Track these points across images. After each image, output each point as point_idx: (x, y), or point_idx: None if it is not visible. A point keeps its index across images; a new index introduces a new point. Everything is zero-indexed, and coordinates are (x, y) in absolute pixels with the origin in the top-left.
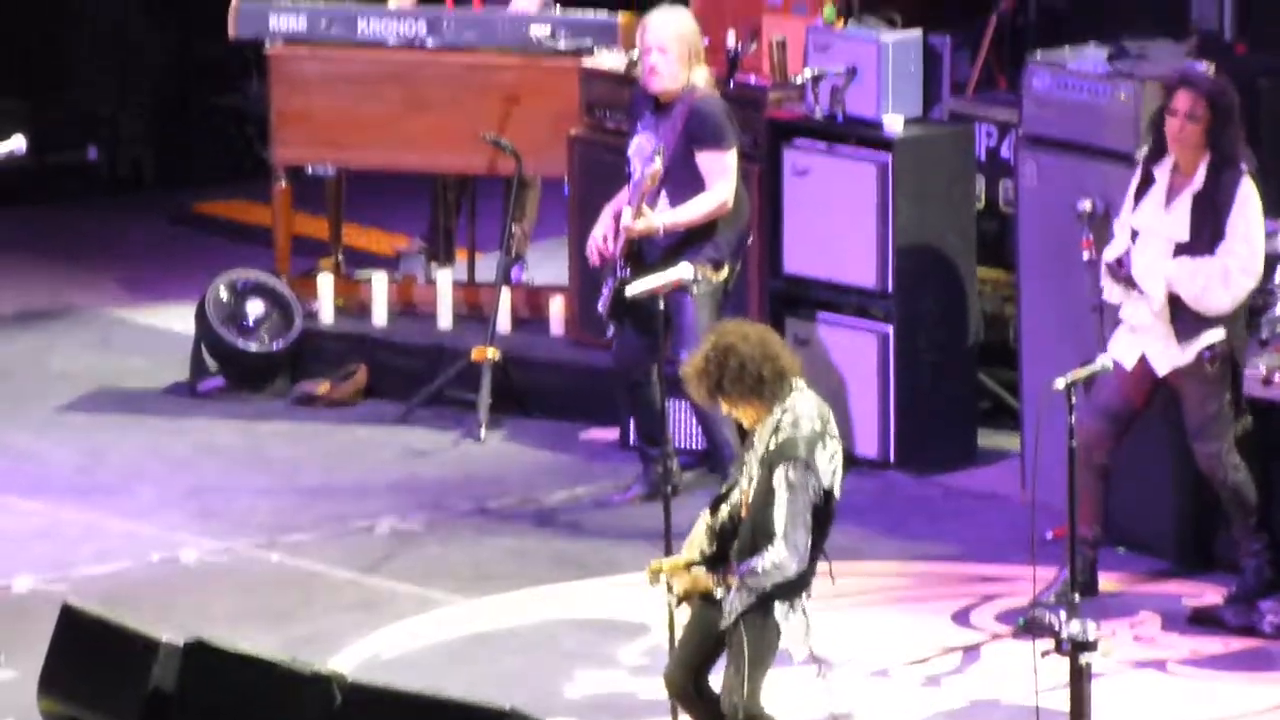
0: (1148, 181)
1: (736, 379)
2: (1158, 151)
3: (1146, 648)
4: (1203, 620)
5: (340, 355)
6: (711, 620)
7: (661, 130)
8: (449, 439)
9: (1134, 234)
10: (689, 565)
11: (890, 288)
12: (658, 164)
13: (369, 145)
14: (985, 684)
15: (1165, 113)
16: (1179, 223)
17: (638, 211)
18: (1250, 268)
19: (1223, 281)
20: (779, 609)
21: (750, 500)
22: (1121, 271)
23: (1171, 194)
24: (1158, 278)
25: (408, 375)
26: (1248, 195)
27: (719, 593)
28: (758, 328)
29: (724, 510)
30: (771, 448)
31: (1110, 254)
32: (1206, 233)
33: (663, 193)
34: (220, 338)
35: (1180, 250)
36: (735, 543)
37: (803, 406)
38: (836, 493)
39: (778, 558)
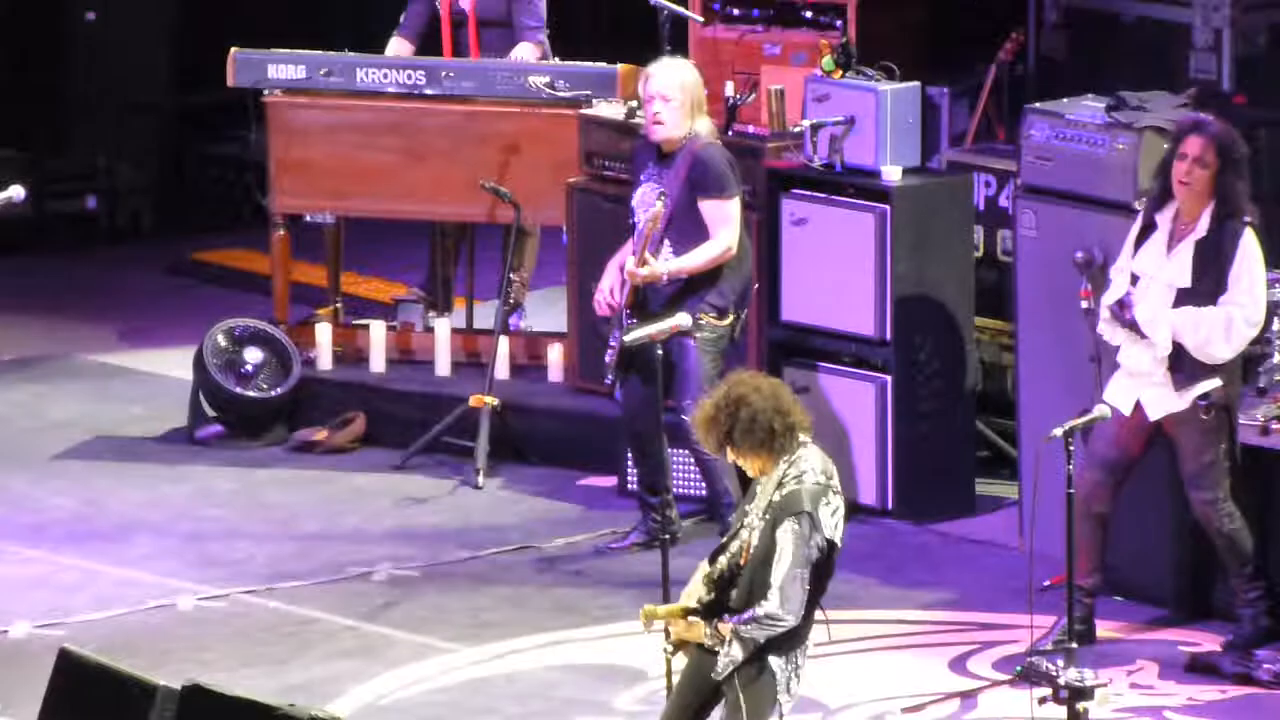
0: (1149, 228)
1: (747, 431)
2: (1162, 198)
3: (1143, 695)
4: (1200, 668)
5: (338, 403)
6: (708, 668)
7: (665, 179)
8: (447, 486)
9: (1134, 279)
10: (685, 613)
11: (888, 337)
12: (659, 206)
13: (368, 194)
14: None
15: (1174, 157)
16: (1180, 269)
17: (641, 258)
18: (1253, 318)
19: (1225, 332)
20: (775, 662)
21: (751, 552)
22: (1125, 315)
23: (1173, 240)
24: (1163, 325)
25: (405, 423)
26: (1251, 246)
27: (710, 642)
28: (770, 381)
29: (723, 560)
30: (776, 500)
31: (1110, 298)
32: (1208, 280)
33: (666, 241)
34: (218, 385)
35: (1181, 296)
36: (734, 592)
37: (809, 461)
38: (839, 545)
39: (773, 610)
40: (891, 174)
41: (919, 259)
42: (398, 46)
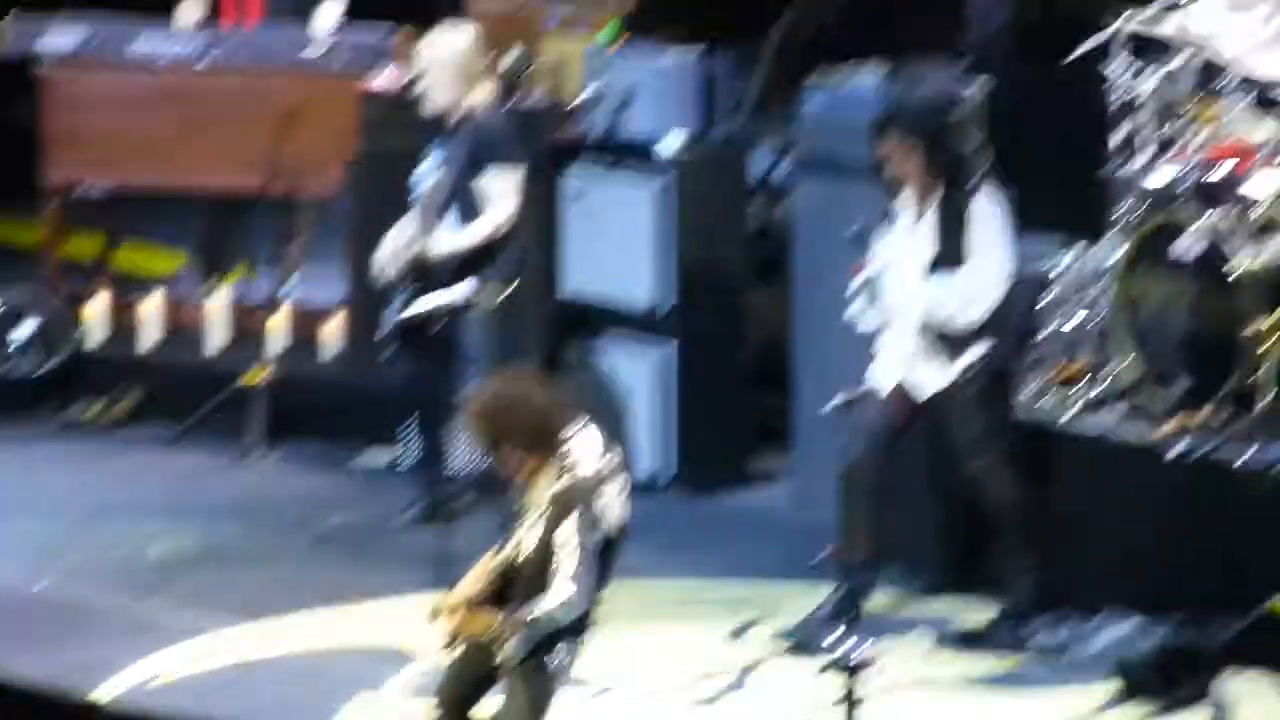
0: (893, 212)
1: (517, 434)
2: (894, 183)
3: (917, 666)
4: (972, 640)
5: (112, 377)
6: (483, 653)
7: (448, 150)
8: (221, 462)
9: (886, 264)
10: (470, 604)
11: (668, 308)
12: (438, 179)
13: (143, 165)
14: (759, 703)
15: (881, 154)
16: (926, 245)
17: (419, 233)
18: (999, 276)
19: (975, 294)
20: (558, 649)
21: (533, 546)
22: (876, 295)
23: (916, 219)
24: (913, 302)
25: (180, 397)
26: (988, 204)
27: (496, 632)
28: (535, 378)
29: (504, 553)
30: (556, 491)
31: (857, 282)
32: (953, 249)
33: (447, 214)
34: None
35: (931, 270)
36: (516, 586)
37: (583, 448)
38: (626, 527)
39: (561, 601)
40: (670, 145)
41: (698, 230)
42: (189, 2)
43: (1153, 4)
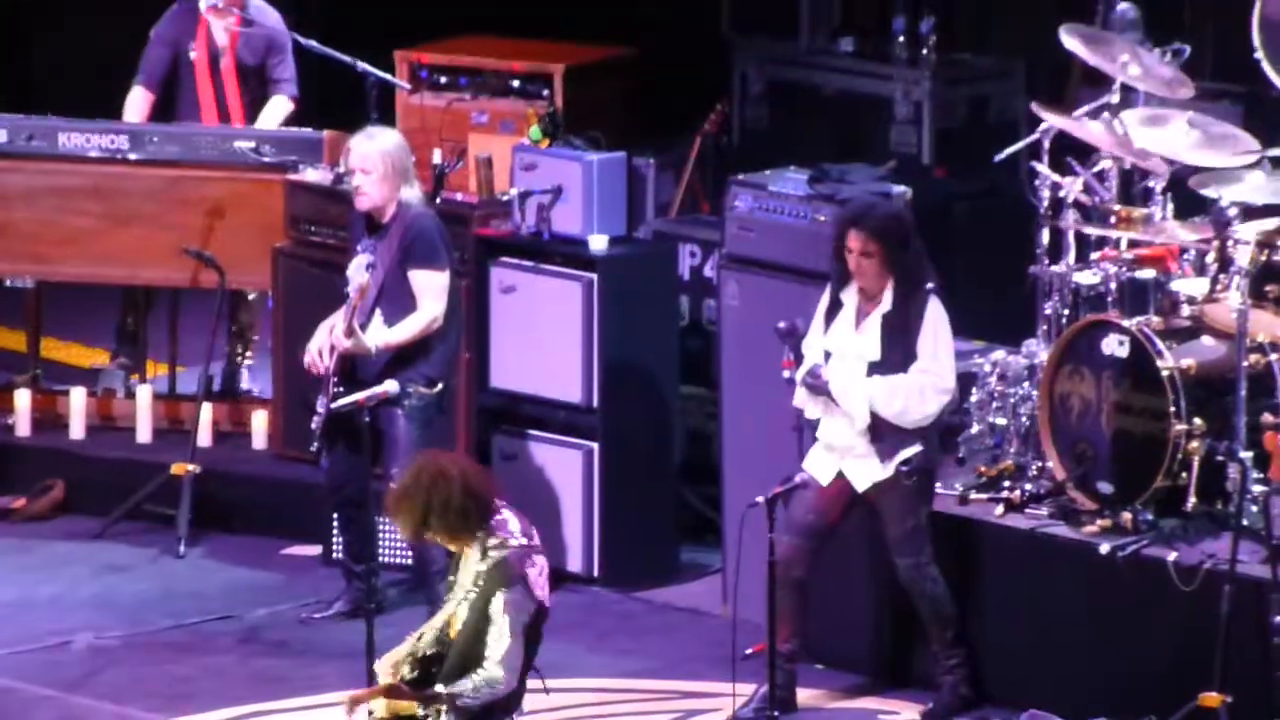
0: (836, 304)
1: (441, 515)
2: (843, 277)
3: None
4: None
5: (37, 470)
6: None
7: (378, 249)
8: (148, 555)
9: (827, 355)
10: (388, 690)
11: (596, 404)
12: (366, 279)
13: (69, 258)
14: None
15: (842, 247)
16: (870, 343)
17: (349, 329)
18: (942, 385)
19: (920, 399)
20: None
21: (462, 623)
22: (820, 382)
23: (860, 315)
24: (858, 397)
25: (106, 490)
26: (935, 314)
27: (424, 711)
28: (456, 460)
29: (429, 635)
30: (484, 569)
31: (802, 372)
32: (897, 352)
33: (378, 311)
34: None
35: (872, 369)
36: (443, 665)
37: (508, 525)
38: (547, 607)
39: (492, 676)
40: (598, 243)
41: (626, 327)
42: (138, 97)
43: (1076, 110)
